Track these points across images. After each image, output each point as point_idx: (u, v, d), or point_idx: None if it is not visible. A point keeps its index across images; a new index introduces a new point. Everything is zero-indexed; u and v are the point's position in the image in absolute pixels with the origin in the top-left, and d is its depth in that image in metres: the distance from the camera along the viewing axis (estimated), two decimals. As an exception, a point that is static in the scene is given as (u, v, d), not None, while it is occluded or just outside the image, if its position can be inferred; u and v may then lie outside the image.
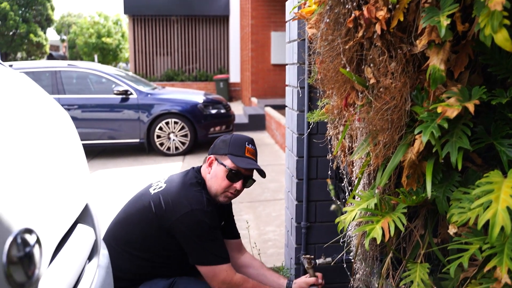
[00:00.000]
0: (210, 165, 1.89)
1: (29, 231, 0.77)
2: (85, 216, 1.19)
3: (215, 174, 1.86)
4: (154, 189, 1.87)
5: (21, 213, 0.78)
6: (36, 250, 0.78)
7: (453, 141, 1.16)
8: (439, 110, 1.12)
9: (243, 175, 1.85)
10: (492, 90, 1.16)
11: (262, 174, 1.88)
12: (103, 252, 1.34)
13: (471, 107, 1.09)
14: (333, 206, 1.75)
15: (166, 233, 1.77)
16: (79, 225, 1.15)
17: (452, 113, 1.10)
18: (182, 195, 1.77)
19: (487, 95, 1.13)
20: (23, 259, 0.73)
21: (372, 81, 1.25)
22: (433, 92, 1.21)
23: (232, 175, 1.83)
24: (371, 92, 1.26)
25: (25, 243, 0.75)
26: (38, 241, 0.80)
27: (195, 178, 1.88)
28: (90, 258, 1.19)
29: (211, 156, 1.89)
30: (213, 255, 1.75)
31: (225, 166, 1.83)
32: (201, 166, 1.97)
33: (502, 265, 0.99)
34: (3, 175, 0.78)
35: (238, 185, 1.86)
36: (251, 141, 1.91)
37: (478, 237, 1.14)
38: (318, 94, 1.83)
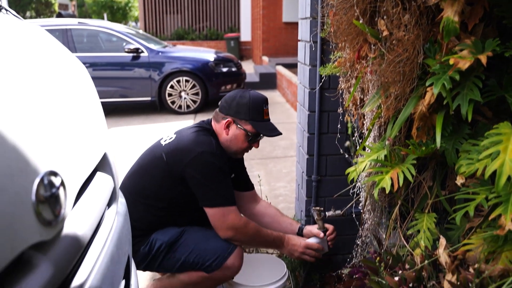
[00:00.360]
0: (227, 126, 1.90)
1: (54, 173, 0.82)
2: (103, 165, 1.24)
3: (234, 137, 1.90)
4: (165, 141, 1.92)
5: (47, 157, 0.82)
6: (61, 192, 0.82)
7: (464, 93, 1.17)
8: (451, 61, 1.13)
9: (262, 136, 1.93)
10: (507, 43, 1.15)
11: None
12: (121, 200, 1.39)
13: (483, 59, 1.10)
14: (347, 143, 1.77)
15: (178, 180, 1.82)
16: (98, 173, 1.20)
17: (464, 64, 1.11)
18: (191, 141, 1.82)
19: (500, 48, 1.13)
20: (49, 199, 0.77)
21: (385, 33, 1.25)
22: (446, 44, 1.21)
23: (253, 139, 1.92)
24: (383, 45, 1.27)
25: (51, 184, 0.79)
26: (62, 183, 0.84)
27: (205, 128, 1.93)
28: (109, 205, 1.24)
29: (229, 118, 1.89)
30: (221, 197, 1.79)
31: (246, 131, 1.89)
32: (210, 119, 2.00)
33: (507, 213, 1.02)
34: (29, 120, 0.81)
35: (256, 144, 1.97)
36: (267, 101, 1.95)
37: (484, 187, 1.17)
38: (330, 47, 1.82)
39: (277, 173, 4.11)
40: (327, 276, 2.19)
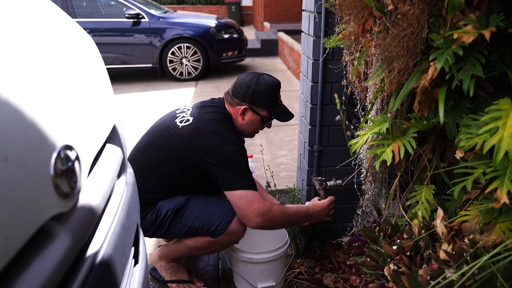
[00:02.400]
0: (243, 112, 1.94)
1: (70, 147, 0.85)
2: (113, 137, 1.27)
3: (250, 122, 1.96)
4: (181, 121, 1.91)
5: (62, 131, 0.85)
6: (76, 165, 0.86)
7: (467, 68, 1.19)
8: (455, 36, 1.14)
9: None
10: (511, 18, 1.16)
11: None
12: (129, 170, 1.43)
13: (487, 34, 1.11)
14: (337, 117, 1.80)
15: (195, 165, 1.85)
16: (108, 145, 1.23)
17: (468, 39, 1.12)
18: (211, 129, 1.83)
19: (504, 23, 1.14)
20: (66, 172, 0.81)
21: (390, 7, 1.26)
22: (451, 19, 1.22)
23: (267, 122, 2.01)
24: (388, 19, 1.28)
25: (67, 158, 0.82)
26: (77, 157, 0.87)
27: (221, 112, 1.94)
28: (119, 175, 1.28)
29: (245, 105, 1.92)
30: (243, 179, 1.81)
31: (262, 116, 1.96)
32: (223, 99, 2.02)
33: (503, 187, 1.06)
34: (42, 95, 0.84)
35: (269, 126, 2.07)
36: (280, 86, 2.00)
37: (482, 162, 1.20)
38: (335, 20, 1.82)
39: (278, 141, 4.15)
40: (327, 243, 2.26)
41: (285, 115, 2.01)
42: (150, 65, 6.97)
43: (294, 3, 10.94)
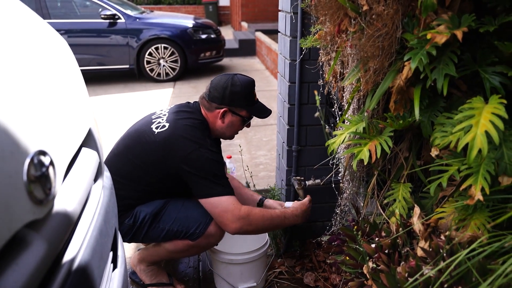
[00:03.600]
0: (223, 115, 1.92)
1: (43, 153, 0.83)
2: (89, 140, 1.25)
3: (231, 124, 1.96)
4: (157, 128, 1.88)
5: (35, 136, 0.83)
6: (50, 170, 0.84)
7: (440, 67, 1.21)
8: (428, 36, 1.16)
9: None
10: (482, 18, 1.19)
11: None
12: (107, 174, 1.41)
13: (459, 34, 1.13)
14: (316, 113, 1.82)
15: (170, 173, 1.83)
16: (83, 149, 1.21)
17: (441, 39, 1.14)
18: (187, 136, 1.81)
19: (476, 23, 1.16)
20: (40, 178, 0.79)
21: (365, 7, 1.27)
22: (424, 19, 1.24)
23: (247, 121, 2.01)
24: (363, 19, 1.29)
25: (41, 163, 0.81)
26: (51, 162, 0.86)
27: (199, 121, 1.91)
28: (95, 179, 1.26)
29: (225, 108, 1.91)
30: (219, 187, 1.79)
31: (242, 116, 1.96)
32: (196, 104, 2.01)
33: (477, 184, 1.08)
34: (14, 99, 0.82)
35: (248, 125, 2.07)
36: (254, 83, 2.00)
37: (457, 159, 1.23)
38: (311, 20, 1.83)
39: (257, 141, 4.15)
40: (307, 242, 2.27)
41: (264, 112, 2.02)
42: (127, 66, 6.89)
43: (271, 2, 10.96)
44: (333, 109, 1.85)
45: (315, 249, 2.23)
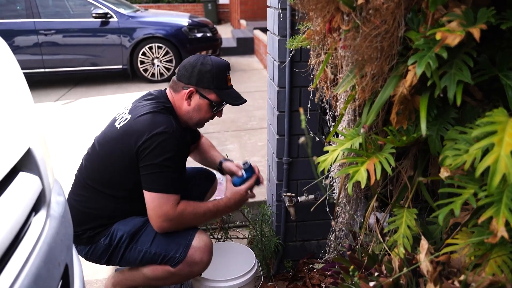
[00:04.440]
0: (189, 97, 1.75)
1: None
2: (27, 163, 1.04)
3: (197, 107, 1.77)
4: (119, 123, 1.75)
5: None
6: None
7: (452, 73, 1.00)
8: (438, 36, 0.95)
9: (225, 104, 1.80)
10: (502, 12, 0.98)
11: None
12: (58, 199, 1.21)
13: (476, 32, 0.92)
14: (301, 139, 1.60)
15: (136, 166, 1.66)
16: (20, 174, 1.01)
17: (454, 40, 0.93)
18: (146, 122, 1.65)
19: (495, 18, 0.95)
20: None
21: (361, 1, 1.06)
22: (432, 14, 1.03)
23: (217, 108, 1.79)
24: (358, 15, 1.08)
25: None
26: None
27: (162, 104, 1.75)
28: (36, 209, 1.05)
29: (191, 88, 1.73)
30: (166, 183, 1.64)
31: (210, 100, 1.75)
32: (162, 90, 1.85)
33: (499, 216, 0.87)
34: None
35: (220, 113, 1.85)
36: (229, 67, 1.81)
37: (472, 180, 1.02)
38: (297, 17, 1.62)
39: (251, 146, 3.94)
40: (300, 262, 2.06)
41: (236, 99, 1.80)
42: (120, 66, 6.71)
43: (269, -1, 10.75)
44: (327, 117, 1.63)
45: (309, 270, 2.02)
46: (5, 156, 0.93)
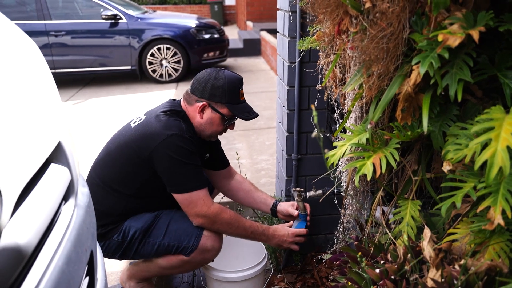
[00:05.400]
0: (201, 110, 1.79)
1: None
2: (58, 155, 1.12)
3: (210, 121, 1.80)
4: (134, 122, 1.81)
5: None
6: (-7, 200, 0.72)
7: (453, 72, 1.07)
8: (440, 38, 1.02)
9: (236, 118, 1.84)
10: (500, 15, 1.04)
11: None
12: (83, 190, 1.28)
13: (475, 34, 0.99)
14: (314, 133, 1.67)
15: (147, 166, 1.72)
16: (52, 165, 1.08)
17: (454, 41, 1.00)
18: (160, 125, 1.71)
19: (494, 21, 1.02)
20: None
21: (368, 5, 1.13)
22: (435, 17, 1.10)
23: (229, 122, 1.84)
24: (366, 18, 1.15)
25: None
26: (-5, 188, 0.73)
27: (174, 109, 1.81)
28: (66, 198, 1.13)
29: (203, 102, 1.78)
30: (190, 181, 1.70)
31: (222, 114, 1.79)
32: (180, 100, 1.90)
33: (496, 205, 0.94)
34: None
35: (231, 126, 1.89)
36: (242, 82, 1.84)
37: (472, 174, 1.09)
38: (308, 20, 1.69)
39: (259, 145, 4.01)
40: (308, 256, 2.13)
41: (248, 113, 1.83)
42: (129, 67, 6.79)
43: (276, 1, 10.80)
44: (334, 115, 1.70)
45: (316, 263, 2.09)
46: (39, 149, 1.01)
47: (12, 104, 0.93)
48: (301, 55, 1.81)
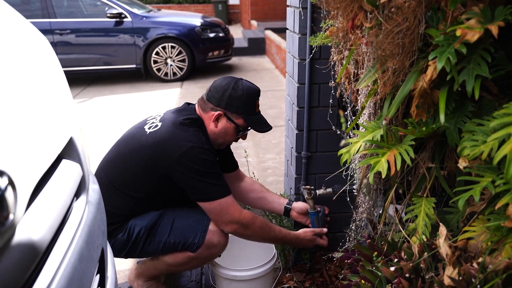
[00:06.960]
0: (216, 119, 1.77)
1: (0, 173, 0.70)
2: (70, 151, 1.11)
3: (224, 131, 1.79)
4: (149, 128, 1.76)
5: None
6: (9, 194, 0.71)
7: (470, 68, 1.05)
8: (458, 33, 1.00)
9: (250, 129, 1.85)
10: (517, 10, 1.03)
11: None
12: (93, 187, 1.27)
13: (494, 29, 0.97)
14: (343, 142, 1.64)
15: (163, 174, 1.69)
16: (63, 161, 1.08)
17: (473, 36, 0.98)
18: (179, 135, 1.68)
19: (512, 16, 1.01)
20: (-7, 204, 0.66)
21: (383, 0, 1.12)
22: (451, 12, 1.08)
23: (243, 132, 1.84)
24: (381, 13, 1.13)
25: (-5, 186, 0.67)
26: (11, 183, 0.72)
27: (192, 117, 1.78)
28: (77, 195, 1.12)
29: (220, 111, 1.76)
30: (216, 189, 1.68)
31: (237, 125, 1.78)
32: (195, 105, 1.87)
33: (515, 202, 0.93)
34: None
35: (244, 137, 1.91)
36: (259, 93, 1.84)
37: (490, 169, 1.07)
38: (321, 15, 1.68)
39: (265, 144, 4.00)
40: (318, 254, 2.12)
41: (263, 125, 1.84)
42: (134, 65, 6.79)
43: (281, 0, 10.78)
44: (346, 113, 1.69)
45: (326, 262, 2.07)
46: (51, 145, 1.00)
47: (24, 100, 0.92)
48: (312, 52, 1.80)
